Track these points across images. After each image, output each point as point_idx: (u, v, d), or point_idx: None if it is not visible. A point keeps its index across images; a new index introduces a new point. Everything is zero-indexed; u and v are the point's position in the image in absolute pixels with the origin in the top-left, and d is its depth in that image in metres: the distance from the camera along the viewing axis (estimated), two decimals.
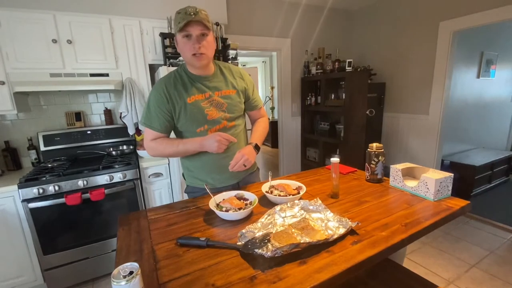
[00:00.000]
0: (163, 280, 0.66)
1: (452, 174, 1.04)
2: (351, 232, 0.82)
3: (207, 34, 1.05)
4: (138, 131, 2.20)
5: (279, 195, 1.04)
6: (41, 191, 1.65)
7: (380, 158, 1.20)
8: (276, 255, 0.69)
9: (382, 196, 1.09)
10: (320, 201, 0.95)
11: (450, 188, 1.04)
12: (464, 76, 3.22)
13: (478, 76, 3.38)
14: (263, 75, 6.62)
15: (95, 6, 1.90)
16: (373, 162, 1.21)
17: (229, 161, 1.11)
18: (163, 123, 1.12)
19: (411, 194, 1.09)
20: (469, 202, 0.99)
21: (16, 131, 2.06)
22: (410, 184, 1.11)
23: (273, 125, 4.88)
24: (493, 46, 3.40)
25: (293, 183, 1.15)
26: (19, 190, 1.62)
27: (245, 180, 1.30)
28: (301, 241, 0.73)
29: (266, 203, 1.04)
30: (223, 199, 1.03)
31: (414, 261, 2.01)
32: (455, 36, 2.49)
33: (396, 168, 1.15)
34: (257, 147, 1.20)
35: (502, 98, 3.80)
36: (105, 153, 2.21)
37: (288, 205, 0.94)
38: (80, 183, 1.74)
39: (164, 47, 2.00)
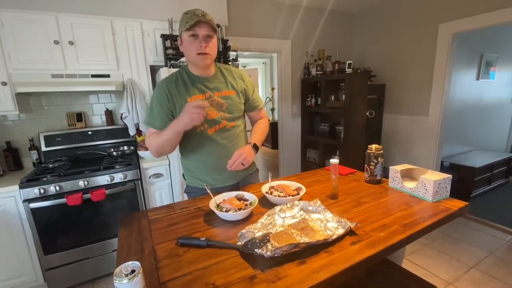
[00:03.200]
0: (163, 280, 0.67)
1: (451, 176, 1.05)
2: (350, 232, 0.82)
3: (213, 36, 1.09)
4: (138, 132, 2.21)
5: (279, 196, 1.04)
6: (42, 191, 1.66)
7: (379, 159, 1.21)
8: (276, 255, 0.70)
9: (381, 197, 1.10)
10: (319, 202, 0.96)
11: (449, 189, 1.05)
12: (463, 78, 3.23)
13: (477, 78, 3.39)
14: (263, 76, 6.63)
15: (97, 7, 1.91)
16: (372, 163, 1.22)
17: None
18: (164, 121, 1.13)
19: (409, 195, 1.10)
20: (468, 203, 0.99)
21: (18, 131, 2.07)
22: (409, 185, 1.12)
23: (273, 126, 4.88)
24: (492, 48, 3.41)
25: (293, 184, 1.16)
26: (20, 190, 1.63)
27: (245, 180, 1.31)
28: (301, 241, 0.74)
29: (266, 204, 1.05)
30: (223, 200, 1.04)
31: (413, 262, 2.01)
32: (454, 38, 2.50)
33: (395, 170, 1.16)
34: (255, 147, 1.21)
35: (502, 100, 3.81)
36: (106, 153, 2.22)
37: (288, 205, 0.95)
38: (81, 183, 1.75)
39: (165, 48, 2.02)
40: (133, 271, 0.55)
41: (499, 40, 3.46)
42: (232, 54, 2.16)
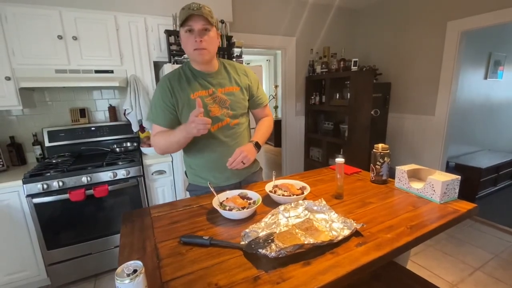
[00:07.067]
0: (166, 279, 0.66)
1: (459, 177, 1.03)
2: (355, 233, 0.81)
3: (210, 29, 1.05)
4: (142, 128, 2.20)
5: (283, 195, 1.03)
6: (45, 186, 1.66)
7: (385, 159, 1.19)
8: (280, 256, 0.68)
9: (387, 197, 1.08)
10: (324, 202, 0.94)
11: (457, 190, 1.02)
12: (471, 77, 3.18)
13: (485, 77, 3.34)
14: (267, 74, 6.60)
15: (101, 2, 1.90)
16: (378, 163, 1.20)
17: None
18: (167, 117, 1.12)
19: (416, 196, 1.07)
20: (476, 205, 0.97)
21: (21, 126, 2.07)
22: (416, 186, 1.10)
23: (277, 124, 4.87)
24: (501, 47, 3.35)
25: (297, 183, 1.14)
26: (24, 185, 1.63)
27: (247, 179, 1.29)
28: (305, 242, 0.73)
29: (270, 203, 1.03)
30: (227, 198, 1.03)
31: (417, 263, 1.99)
32: (463, 36, 2.45)
33: (402, 170, 1.14)
34: (257, 145, 1.19)
35: (509, 100, 3.74)
36: (109, 149, 2.22)
37: (292, 205, 0.93)
38: (84, 179, 1.75)
39: (169, 44, 2.00)
40: (135, 271, 0.54)
41: (508, 39, 3.39)
42: (236, 51, 2.14)
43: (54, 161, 1.93)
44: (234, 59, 2.13)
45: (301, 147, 3.45)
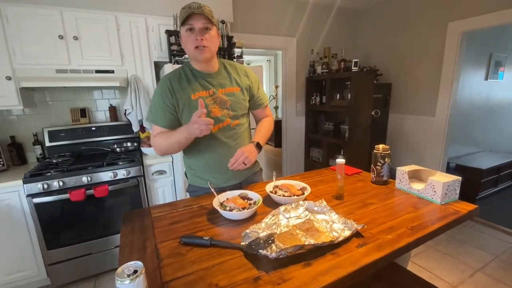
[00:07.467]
0: (166, 279, 0.66)
1: (460, 178, 1.02)
2: (356, 234, 0.81)
3: (210, 28, 1.06)
4: (142, 128, 2.20)
5: (284, 196, 1.03)
6: (45, 186, 1.66)
7: (386, 159, 1.18)
8: (281, 256, 0.68)
9: (387, 198, 1.07)
10: (325, 202, 0.94)
11: (458, 191, 1.02)
12: (472, 78, 3.18)
13: (486, 78, 3.33)
14: (267, 74, 6.60)
15: (102, 2, 1.90)
16: (379, 163, 1.20)
17: None
18: (167, 118, 1.11)
19: (417, 197, 1.07)
20: (477, 206, 0.97)
21: (22, 126, 2.07)
22: (417, 186, 1.09)
23: (277, 124, 4.86)
24: (502, 48, 3.35)
25: (298, 184, 1.14)
26: (24, 185, 1.63)
27: (248, 180, 1.29)
28: (306, 243, 0.73)
29: (270, 203, 1.03)
30: (227, 198, 1.02)
31: (418, 264, 1.99)
32: (464, 37, 2.45)
33: (403, 170, 1.14)
34: (258, 146, 1.18)
35: (510, 101, 3.74)
36: (109, 149, 2.22)
37: (293, 205, 0.93)
38: (84, 179, 1.75)
39: (170, 44, 2.00)
40: (135, 271, 0.54)
41: (509, 40, 3.40)
42: (237, 51, 2.14)
43: (54, 161, 1.93)
44: (235, 60, 2.13)
45: (301, 147, 3.44)
